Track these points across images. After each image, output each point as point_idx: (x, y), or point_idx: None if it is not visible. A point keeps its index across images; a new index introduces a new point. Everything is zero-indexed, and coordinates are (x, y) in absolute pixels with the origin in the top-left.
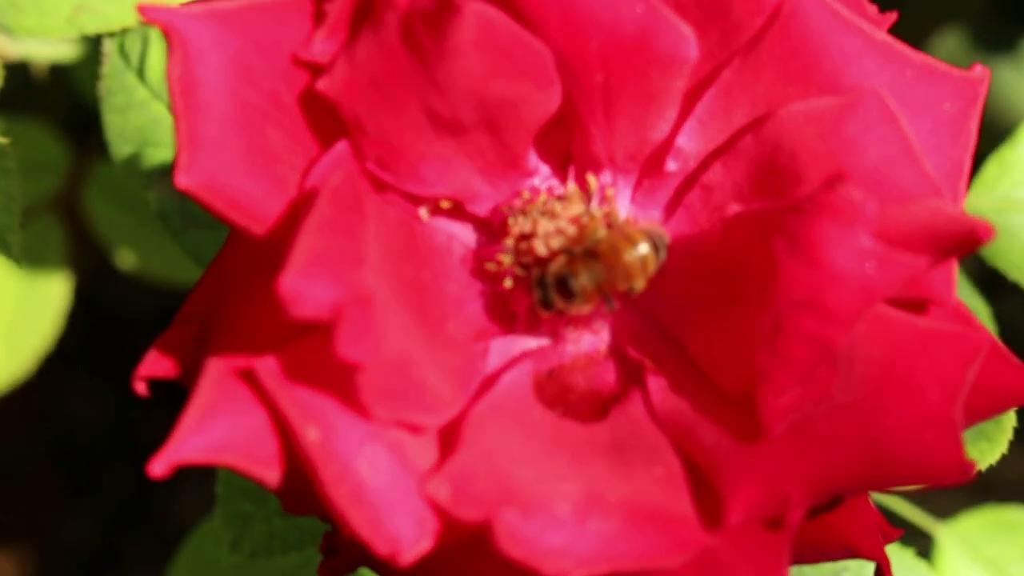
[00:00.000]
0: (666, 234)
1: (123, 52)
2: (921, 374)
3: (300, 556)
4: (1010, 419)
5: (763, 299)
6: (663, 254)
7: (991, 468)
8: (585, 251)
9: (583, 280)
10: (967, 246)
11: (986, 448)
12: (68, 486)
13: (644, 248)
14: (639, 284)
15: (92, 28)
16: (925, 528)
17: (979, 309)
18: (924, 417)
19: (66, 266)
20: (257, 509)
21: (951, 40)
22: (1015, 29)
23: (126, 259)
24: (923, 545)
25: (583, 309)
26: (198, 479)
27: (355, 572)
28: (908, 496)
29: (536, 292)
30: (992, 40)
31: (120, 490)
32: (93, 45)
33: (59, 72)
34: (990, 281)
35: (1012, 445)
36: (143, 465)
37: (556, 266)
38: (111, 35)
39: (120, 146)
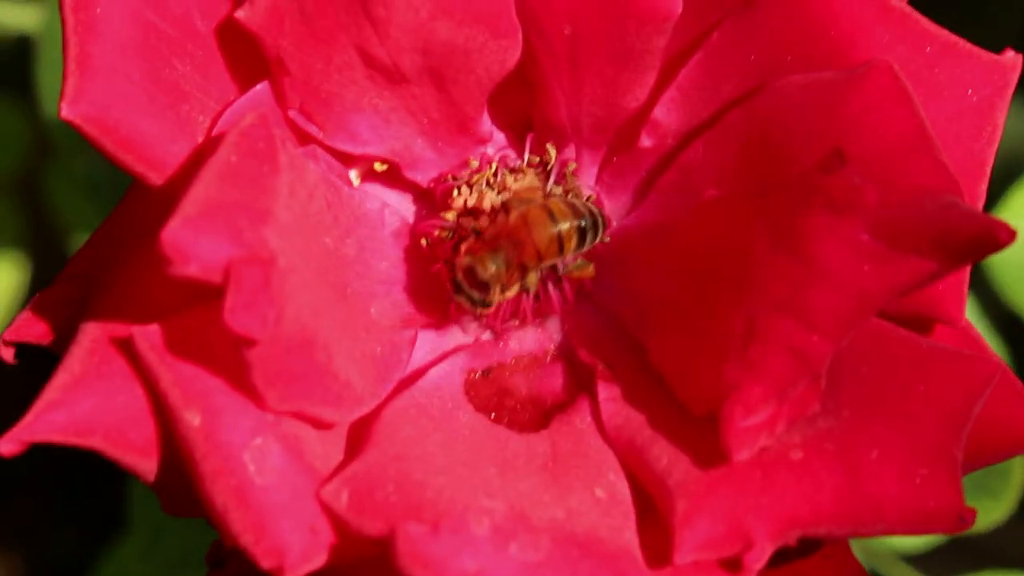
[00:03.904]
0: (600, 211)
1: None
2: (919, 401)
3: None
4: (1019, 474)
5: (737, 298)
6: (600, 233)
7: (995, 538)
8: (488, 234)
9: (490, 266)
10: (983, 250)
11: (990, 505)
12: (56, 496)
13: (564, 225)
14: (550, 263)
15: None
16: None
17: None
18: (918, 452)
19: (23, 252)
20: (170, 519)
21: None
22: None
23: None
24: None
25: (506, 296)
26: None
27: None
28: (903, 558)
29: (457, 294)
30: None
31: (105, 500)
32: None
33: (25, 47)
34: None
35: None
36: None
37: (464, 261)
38: None
39: (52, 104)
